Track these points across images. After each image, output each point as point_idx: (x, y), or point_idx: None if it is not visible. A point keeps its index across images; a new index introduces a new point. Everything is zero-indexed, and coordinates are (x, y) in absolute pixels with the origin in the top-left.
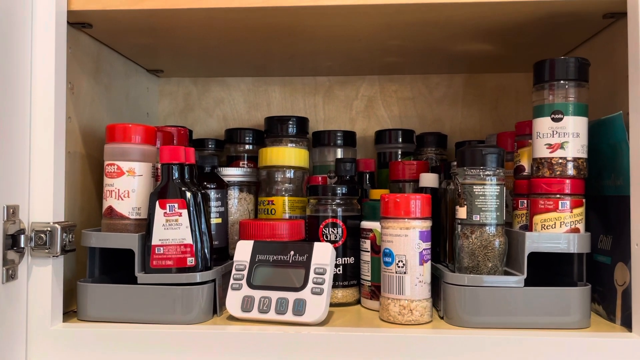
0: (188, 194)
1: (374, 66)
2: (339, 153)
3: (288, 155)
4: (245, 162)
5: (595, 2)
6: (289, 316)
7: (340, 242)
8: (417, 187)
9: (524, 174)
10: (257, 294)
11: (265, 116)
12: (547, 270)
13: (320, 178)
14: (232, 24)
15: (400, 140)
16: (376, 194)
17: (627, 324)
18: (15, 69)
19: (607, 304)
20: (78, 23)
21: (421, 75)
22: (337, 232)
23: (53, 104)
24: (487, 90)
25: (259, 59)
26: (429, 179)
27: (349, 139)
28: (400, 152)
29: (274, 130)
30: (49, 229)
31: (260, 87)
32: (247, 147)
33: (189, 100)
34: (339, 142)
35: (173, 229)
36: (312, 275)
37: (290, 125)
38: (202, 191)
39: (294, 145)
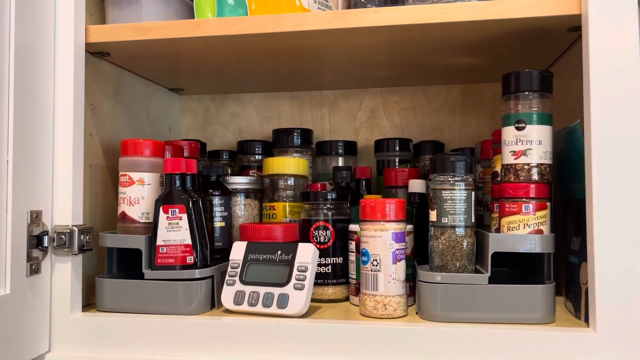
0: (188, 200)
1: (376, 79)
2: (340, 161)
3: (289, 165)
4: (255, 171)
5: (557, 17)
6: (273, 309)
7: (330, 243)
8: (408, 193)
9: (498, 179)
10: (248, 289)
11: (276, 128)
12: (527, 269)
13: (320, 185)
14: (232, 47)
15: (397, 148)
16: (370, 198)
17: (588, 320)
18: (41, 93)
19: (576, 301)
20: (97, 52)
21: (421, 87)
22: (327, 234)
23: (72, 123)
24: (484, 100)
25: (269, 76)
26: (416, 185)
27: (350, 148)
28: (398, 160)
29: (280, 141)
30: (68, 230)
31: (271, 102)
32: (257, 157)
33: (208, 115)
34: (340, 151)
35: (175, 231)
36: (295, 272)
37: (295, 137)
38: (204, 197)
39: (299, 154)
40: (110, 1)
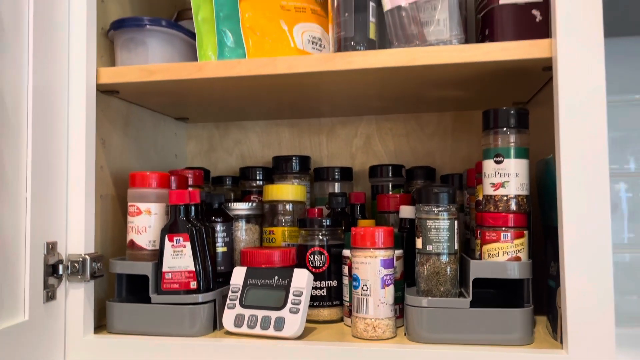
0: (191, 229)
1: (370, 108)
2: (337, 187)
3: (287, 191)
4: (256, 196)
5: (530, 60)
6: (271, 331)
7: (324, 268)
8: (400, 218)
9: (481, 207)
10: (247, 312)
11: (276, 153)
12: (510, 290)
13: (317, 210)
14: (233, 85)
15: (390, 174)
16: (363, 223)
17: None
18: (55, 131)
19: (554, 323)
20: (107, 91)
21: (414, 114)
22: (322, 259)
23: (84, 159)
24: (474, 126)
25: (269, 106)
26: (407, 211)
27: (346, 173)
28: (391, 185)
29: (280, 167)
30: (81, 259)
31: (272, 129)
32: (258, 182)
33: (212, 142)
34: (336, 176)
35: (179, 258)
36: (290, 296)
37: (294, 163)
38: (206, 225)
39: (297, 180)
40: (119, 44)
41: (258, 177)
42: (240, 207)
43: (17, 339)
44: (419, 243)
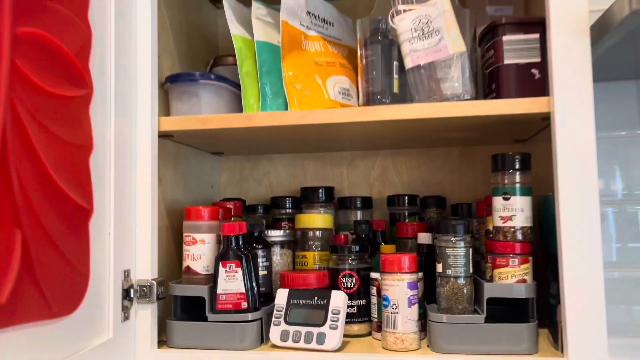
0: (241, 256)
1: (386, 144)
2: (359, 214)
3: (316, 220)
4: (286, 222)
5: (531, 114)
6: (313, 345)
7: (355, 289)
8: (417, 244)
9: (491, 235)
10: (291, 329)
11: (302, 183)
12: (517, 307)
13: (343, 236)
14: (277, 132)
15: (407, 203)
16: (385, 248)
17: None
18: (126, 172)
19: (555, 335)
20: (164, 135)
21: (425, 149)
22: (352, 280)
23: (150, 197)
24: (478, 159)
25: (296, 142)
26: (424, 237)
27: (366, 202)
28: (407, 213)
29: (308, 197)
30: (149, 284)
31: (297, 161)
32: (287, 210)
33: (243, 173)
34: (358, 205)
35: (232, 282)
36: (330, 315)
37: (320, 194)
38: (252, 251)
39: (323, 209)
40: (174, 95)
41: (288, 206)
42: (276, 234)
43: (105, 353)
44: (439, 267)
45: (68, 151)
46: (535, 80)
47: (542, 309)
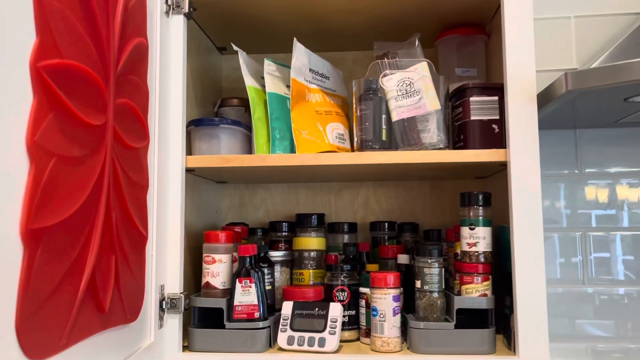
0: (254, 274)
1: (369, 177)
2: (346, 238)
3: (312, 243)
4: (283, 244)
5: (492, 162)
6: (316, 347)
7: (346, 301)
8: (397, 263)
9: (459, 258)
10: (296, 335)
11: (295, 209)
12: (479, 317)
13: (333, 256)
14: (286, 170)
15: (386, 229)
16: (370, 267)
17: (516, 351)
18: (163, 202)
19: (509, 339)
20: (188, 170)
21: (401, 182)
22: (344, 294)
23: (179, 221)
24: (446, 192)
25: (290, 176)
26: (403, 258)
27: (352, 227)
28: (386, 237)
29: (302, 222)
30: (177, 297)
31: (291, 190)
32: (284, 233)
33: (243, 199)
34: (345, 229)
35: (246, 295)
36: (329, 322)
37: (313, 219)
38: (261, 270)
39: (315, 233)
40: (197, 137)
41: (284, 229)
42: (277, 255)
43: (149, 354)
44: (417, 284)
45: (136, 190)
46: (495, 133)
47: (499, 318)
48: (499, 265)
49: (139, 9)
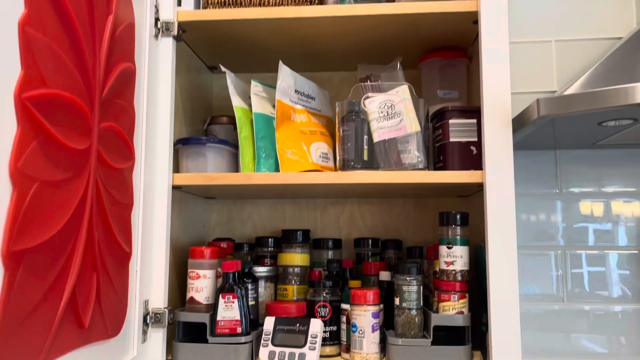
0: (237, 290)
1: (354, 195)
2: (330, 254)
3: (296, 259)
4: (268, 259)
5: (470, 183)
6: None
7: (328, 317)
8: (379, 280)
9: (437, 276)
10: (277, 350)
11: (281, 225)
12: (457, 333)
13: (317, 272)
14: (270, 188)
15: (370, 245)
16: (353, 284)
17: None
18: (149, 218)
19: (485, 354)
20: (175, 187)
21: (385, 199)
22: (326, 310)
23: (164, 238)
24: (429, 209)
25: (276, 192)
26: (385, 275)
27: (336, 243)
28: (370, 253)
29: (288, 238)
30: (161, 312)
31: (278, 206)
32: (270, 249)
33: (230, 214)
34: (330, 246)
35: (229, 310)
36: (309, 338)
37: (298, 235)
38: (245, 285)
39: (300, 248)
40: (185, 155)
41: (270, 245)
42: (262, 270)
43: None
44: (397, 301)
45: (120, 209)
46: (473, 155)
47: (477, 335)
48: (478, 283)
49: (126, 35)
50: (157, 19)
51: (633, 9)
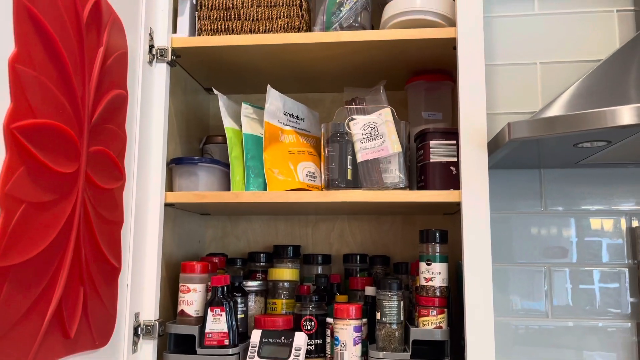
0: (225, 303)
1: (343, 212)
2: (320, 269)
3: (285, 274)
4: (260, 274)
5: (449, 202)
6: None
7: (313, 330)
8: (365, 295)
9: (418, 291)
10: None
11: (275, 240)
12: (437, 348)
13: (306, 286)
14: (258, 206)
15: (358, 261)
16: (340, 298)
17: None
18: (141, 235)
19: None
20: (168, 204)
21: (374, 216)
22: (312, 324)
23: (156, 253)
24: (416, 225)
25: (268, 209)
26: (370, 290)
27: (326, 259)
28: (358, 269)
29: (279, 253)
30: (152, 324)
31: (271, 222)
32: (262, 263)
33: (225, 230)
34: (319, 261)
35: (217, 323)
36: (293, 351)
37: (289, 251)
38: (233, 299)
39: (291, 263)
40: (178, 173)
41: (262, 260)
42: (252, 284)
43: None
44: (378, 315)
45: (109, 227)
46: (453, 175)
47: (458, 349)
48: (459, 298)
49: (118, 64)
50: (151, 46)
51: (616, 31)
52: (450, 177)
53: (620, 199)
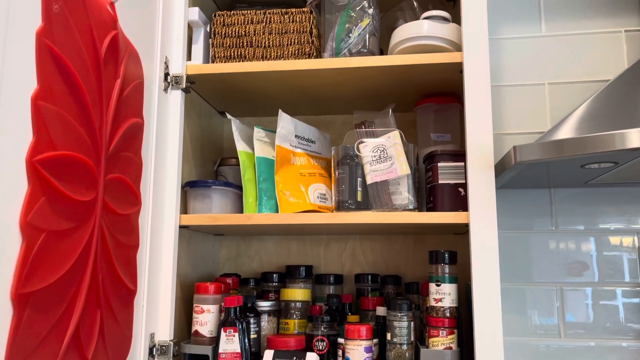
0: (238, 324)
1: (355, 232)
2: (332, 289)
3: (297, 294)
4: (273, 294)
5: (457, 223)
6: None
7: (325, 351)
8: (376, 315)
9: (428, 312)
10: None
11: (287, 260)
12: None
13: (318, 306)
14: (269, 227)
15: (370, 281)
16: (351, 318)
17: None
18: (157, 257)
19: None
20: (182, 227)
21: (386, 236)
22: (323, 344)
23: (171, 275)
24: (429, 245)
25: (281, 230)
26: (381, 310)
27: (338, 279)
28: (370, 289)
29: (291, 273)
30: (167, 344)
31: (283, 242)
32: (274, 284)
33: (239, 250)
34: (331, 281)
35: (230, 344)
36: None
37: (301, 271)
38: (247, 319)
39: (303, 283)
40: (192, 196)
41: (274, 280)
42: (264, 305)
43: None
44: (388, 336)
45: (125, 251)
46: (461, 196)
47: None
48: (470, 319)
49: (135, 93)
50: (167, 74)
51: (624, 51)
52: (458, 199)
53: (632, 216)
